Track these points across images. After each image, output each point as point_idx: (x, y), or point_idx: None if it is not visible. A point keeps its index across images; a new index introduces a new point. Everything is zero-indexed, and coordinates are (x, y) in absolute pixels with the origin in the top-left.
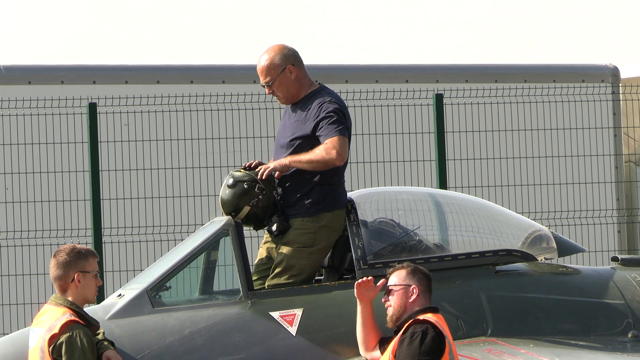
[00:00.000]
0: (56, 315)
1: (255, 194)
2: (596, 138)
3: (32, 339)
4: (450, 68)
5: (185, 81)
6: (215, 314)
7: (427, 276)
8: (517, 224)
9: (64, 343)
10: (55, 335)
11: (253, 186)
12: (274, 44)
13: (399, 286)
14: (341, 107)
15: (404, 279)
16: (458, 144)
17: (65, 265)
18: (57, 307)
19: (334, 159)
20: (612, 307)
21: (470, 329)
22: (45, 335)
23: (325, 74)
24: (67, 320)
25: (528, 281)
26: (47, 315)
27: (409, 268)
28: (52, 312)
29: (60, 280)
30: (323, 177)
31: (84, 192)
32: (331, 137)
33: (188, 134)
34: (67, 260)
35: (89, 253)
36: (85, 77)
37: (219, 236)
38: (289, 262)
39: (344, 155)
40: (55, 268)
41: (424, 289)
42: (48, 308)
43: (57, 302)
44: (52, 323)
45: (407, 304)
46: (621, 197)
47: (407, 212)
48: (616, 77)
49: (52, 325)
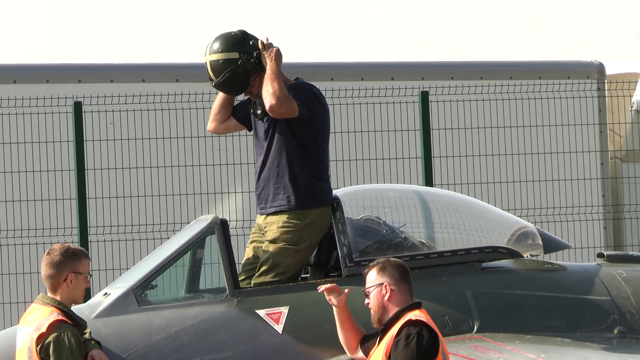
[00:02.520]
0: (43, 315)
1: (250, 48)
2: (582, 134)
3: (19, 338)
4: (436, 65)
5: (171, 80)
6: (202, 312)
7: (399, 268)
8: (502, 221)
9: (52, 343)
10: (43, 334)
11: (248, 40)
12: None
13: (372, 287)
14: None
15: (375, 278)
16: (444, 141)
17: (58, 264)
18: (45, 306)
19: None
20: (598, 304)
21: (457, 325)
22: (33, 334)
23: (311, 71)
24: (55, 319)
25: (514, 278)
26: (34, 314)
27: (378, 266)
28: (40, 312)
29: (52, 279)
30: (309, 172)
31: (69, 191)
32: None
33: (174, 132)
34: (61, 260)
35: (83, 254)
36: (71, 76)
37: (205, 234)
38: (275, 260)
39: (283, 111)
40: (49, 267)
41: (398, 282)
42: (35, 307)
43: (44, 302)
44: (39, 322)
45: (384, 302)
46: (607, 194)
47: (393, 210)
48: (601, 74)
49: (39, 325)
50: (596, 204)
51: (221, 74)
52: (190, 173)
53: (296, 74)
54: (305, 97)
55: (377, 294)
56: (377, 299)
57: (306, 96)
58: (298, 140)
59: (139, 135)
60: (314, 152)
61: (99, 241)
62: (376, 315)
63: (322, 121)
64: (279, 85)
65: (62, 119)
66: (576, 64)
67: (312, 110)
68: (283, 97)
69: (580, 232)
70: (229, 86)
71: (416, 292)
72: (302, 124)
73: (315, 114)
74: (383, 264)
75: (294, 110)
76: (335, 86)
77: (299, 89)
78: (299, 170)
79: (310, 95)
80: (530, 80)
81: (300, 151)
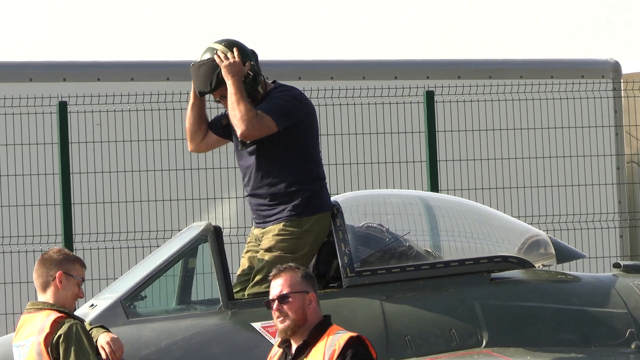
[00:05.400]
0: (40, 319)
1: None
2: (596, 137)
3: (19, 353)
4: (442, 63)
5: (162, 78)
6: (194, 324)
7: (315, 279)
8: (513, 229)
9: (62, 336)
10: (49, 334)
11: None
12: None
13: (295, 294)
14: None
15: (300, 284)
16: (450, 143)
17: (48, 261)
18: (37, 312)
19: (245, 130)
20: (614, 317)
21: (464, 340)
22: (37, 339)
23: (309, 70)
24: (56, 317)
25: (525, 289)
26: (30, 325)
27: (302, 272)
28: (35, 319)
29: (41, 278)
30: (304, 178)
31: (53, 196)
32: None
33: (164, 134)
34: (52, 258)
35: (77, 259)
36: (55, 74)
37: (197, 242)
38: (270, 269)
39: (256, 134)
40: (39, 265)
41: (317, 296)
42: (27, 318)
43: (36, 308)
44: (40, 326)
45: (307, 312)
46: (623, 200)
47: (396, 217)
48: (617, 73)
49: (41, 328)
50: (612, 210)
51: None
52: (181, 177)
53: (293, 73)
54: (279, 105)
55: (299, 300)
56: (298, 307)
57: (280, 104)
58: (287, 145)
59: (128, 137)
60: (306, 154)
61: (84, 249)
62: (294, 324)
63: (308, 121)
64: (245, 107)
65: (46, 120)
66: (590, 62)
67: (293, 114)
68: (252, 119)
69: (595, 240)
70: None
71: (421, 304)
72: (288, 130)
73: (298, 117)
74: (306, 271)
75: (269, 128)
76: (335, 85)
77: (271, 99)
78: (293, 177)
79: (286, 102)
80: (541, 80)
81: (292, 157)
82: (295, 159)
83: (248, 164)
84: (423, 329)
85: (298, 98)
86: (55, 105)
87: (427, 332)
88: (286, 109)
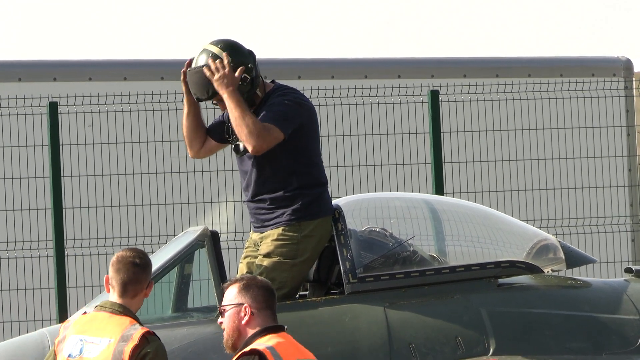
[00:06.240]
0: (122, 324)
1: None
2: (607, 137)
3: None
4: (447, 62)
5: (155, 78)
6: (190, 333)
7: (265, 290)
8: (521, 233)
9: (152, 354)
10: (137, 346)
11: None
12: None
13: (229, 306)
14: (290, 96)
15: (235, 296)
16: (456, 144)
17: (150, 269)
18: (116, 315)
19: (256, 145)
20: (626, 323)
21: (471, 347)
22: (120, 345)
23: (309, 69)
24: (145, 331)
25: (533, 295)
26: (104, 324)
27: (242, 283)
28: (111, 321)
29: (138, 284)
30: (305, 183)
31: (44, 200)
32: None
33: (159, 135)
34: (149, 265)
35: None
36: (45, 73)
37: (194, 248)
38: (269, 275)
39: (267, 146)
40: (140, 270)
41: (261, 306)
42: (100, 316)
43: (114, 310)
44: (123, 333)
45: (240, 326)
46: (635, 203)
47: (400, 221)
48: (629, 71)
49: (126, 335)
50: (623, 213)
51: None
52: (177, 180)
53: (293, 72)
54: (281, 112)
55: (233, 315)
56: (232, 321)
57: (281, 110)
58: (288, 149)
59: (121, 139)
60: (307, 157)
61: (76, 255)
62: (230, 339)
63: (309, 124)
64: (251, 121)
65: (36, 121)
66: (601, 60)
67: (295, 120)
68: (261, 132)
69: (606, 244)
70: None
71: (426, 311)
72: (290, 134)
73: (299, 122)
74: (248, 281)
75: (276, 138)
76: (337, 84)
77: (271, 105)
78: (294, 182)
79: (288, 107)
80: (550, 78)
81: (293, 161)
82: (296, 163)
83: (248, 168)
84: (428, 337)
85: (298, 102)
86: (46, 106)
87: (432, 340)
88: (288, 115)
